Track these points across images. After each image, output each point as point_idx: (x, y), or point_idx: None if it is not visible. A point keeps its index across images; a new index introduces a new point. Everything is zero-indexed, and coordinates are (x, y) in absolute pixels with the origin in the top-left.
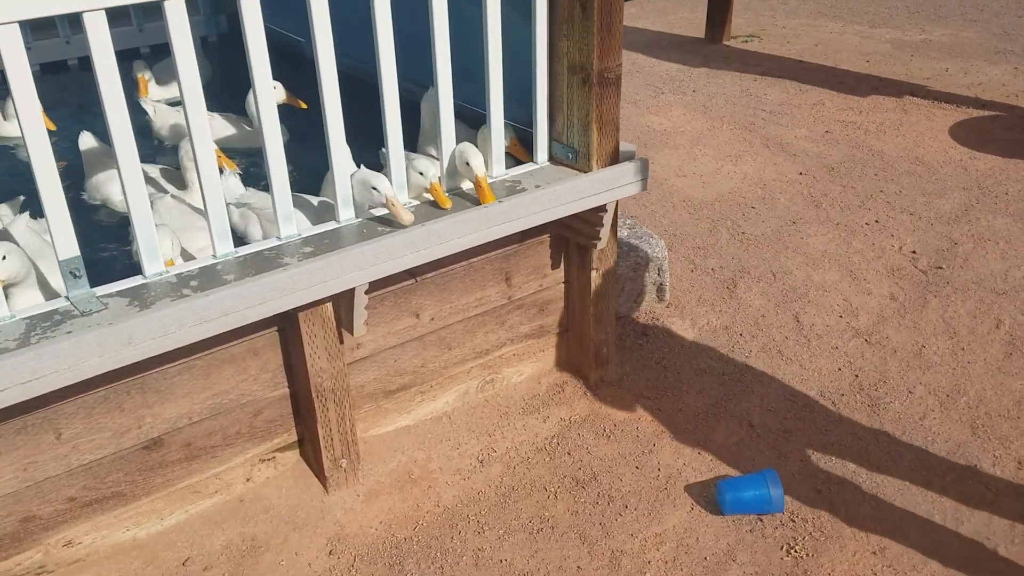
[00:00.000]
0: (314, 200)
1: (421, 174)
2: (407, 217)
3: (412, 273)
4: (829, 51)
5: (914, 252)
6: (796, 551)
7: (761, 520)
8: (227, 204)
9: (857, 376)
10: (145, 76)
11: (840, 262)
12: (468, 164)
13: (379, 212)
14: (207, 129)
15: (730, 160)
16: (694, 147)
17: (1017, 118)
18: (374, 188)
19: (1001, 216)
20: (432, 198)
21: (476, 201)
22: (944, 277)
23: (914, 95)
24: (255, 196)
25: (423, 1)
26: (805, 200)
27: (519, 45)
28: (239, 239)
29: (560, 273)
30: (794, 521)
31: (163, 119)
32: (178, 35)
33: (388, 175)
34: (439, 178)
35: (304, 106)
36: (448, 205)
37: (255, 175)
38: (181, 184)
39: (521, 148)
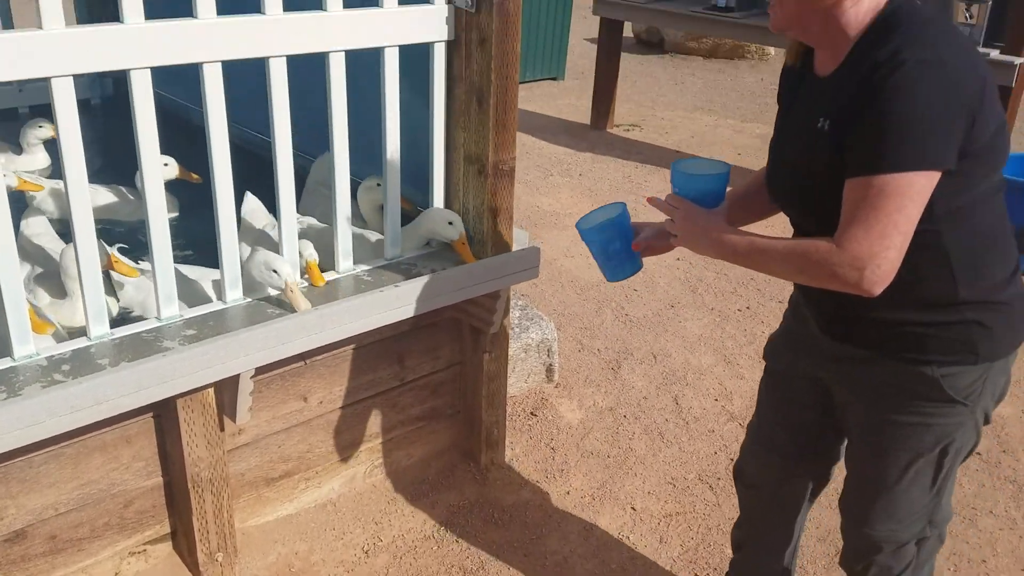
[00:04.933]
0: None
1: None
2: (305, 304)
3: (302, 356)
4: (704, 143)
5: None
6: None
7: None
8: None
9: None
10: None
11: (715, 346)
12: (276, 272)
13: (274, 292)
14: (88, 205)
15: None
16: None
17: None
18: (274, 271)
19: None
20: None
21: (376, 283)
22: None
23: None
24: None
25: (316, 73)
26: (683, 285)
27: (416, 129)
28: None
29: (453, 355)
30: None
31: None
32: (65, 115)
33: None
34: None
35: (199, 179)
36: (322, 283)
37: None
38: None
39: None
